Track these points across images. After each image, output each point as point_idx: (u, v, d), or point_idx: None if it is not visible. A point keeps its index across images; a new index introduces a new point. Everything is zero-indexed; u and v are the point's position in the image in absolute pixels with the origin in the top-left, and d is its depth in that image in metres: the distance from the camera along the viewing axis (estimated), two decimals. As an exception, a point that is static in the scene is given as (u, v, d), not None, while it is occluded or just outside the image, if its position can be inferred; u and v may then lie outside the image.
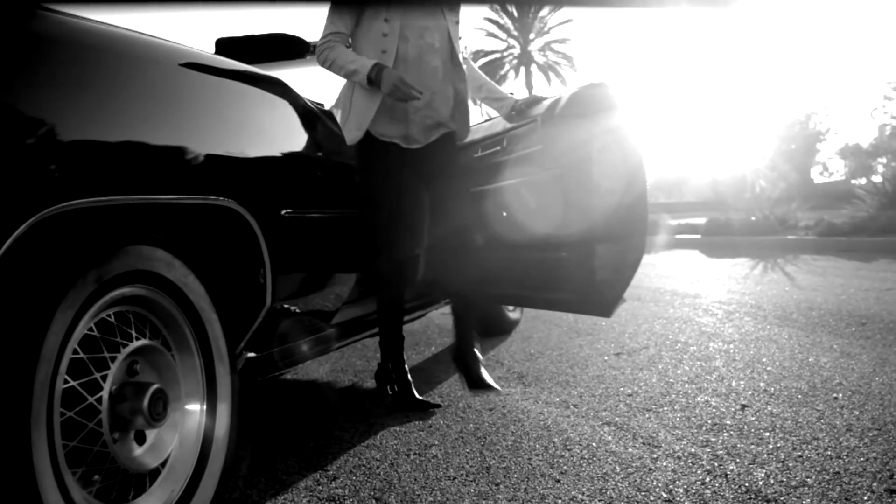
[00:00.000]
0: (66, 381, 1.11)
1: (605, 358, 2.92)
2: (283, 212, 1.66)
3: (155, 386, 1.26)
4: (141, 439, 1.29)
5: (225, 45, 2.61)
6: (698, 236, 9.78)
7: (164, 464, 1.32)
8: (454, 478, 1.70)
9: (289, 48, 2.56)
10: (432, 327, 3.92)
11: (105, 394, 1.17)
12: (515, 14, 33.31)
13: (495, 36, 34.14)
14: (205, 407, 1.42)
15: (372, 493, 1.64)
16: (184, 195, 1.32)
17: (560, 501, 1.54)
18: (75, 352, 1.13)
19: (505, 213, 2.33)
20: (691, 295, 4.68)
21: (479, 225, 2.34)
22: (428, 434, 2.05)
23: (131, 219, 1.28)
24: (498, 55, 33.90)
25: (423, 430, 2.09)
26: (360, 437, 2.05)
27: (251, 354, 1.65)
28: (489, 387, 2.25)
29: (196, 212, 1.42)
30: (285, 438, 2.08)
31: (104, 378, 1.18)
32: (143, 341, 1.28)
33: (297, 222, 1.71)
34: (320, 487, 1.69)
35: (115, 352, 1.21)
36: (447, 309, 4.36)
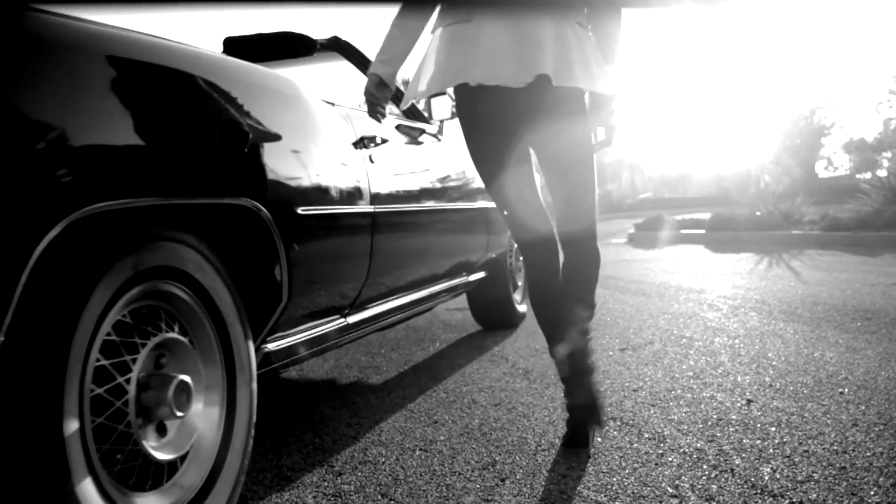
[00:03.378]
0: (98, 360, 1.15)
1: (610, 353, 2.91)
2: (299, 210, 1.69)
3: (181, 377, 1.28)
4: (162, 431, 1.30)
5: (233, 45, 2.68)
6: (703, 231, 9.76)
7: (182, 459, 1.33)
8: (460, 473, 1.71)
9: (296, 46, 2.60)
10: (437, 323, 3.92)
11: (133, 376, 1.21)
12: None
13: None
14: (225, 403, 1.45)
15: (378, 488, 1.64)
16: (208, 197, 1.39)
17: (565, 497, 1.54)
18: (108, 334, 1.18)
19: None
20: (696, 290, 4.67)
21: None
22: (433, 430, 2.05)
23: (165, 217, 1.33)
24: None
25: (428, 425, 2.10)
26: (366, 433, 2.05)
27: (269, 348, 1.68)
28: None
29: (219, 212, 1.47)
30: (290, 434, 2.08)
31: (133, 361, 1.21)
32: (171, 334, 1.32)
33: (312, 219, 1.75)
34: (326, 483, 1.69)
35: (145, 340, 1.25)
36: (451, 304, 4.37)
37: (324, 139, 1.90)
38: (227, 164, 1.45)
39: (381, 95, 1.94)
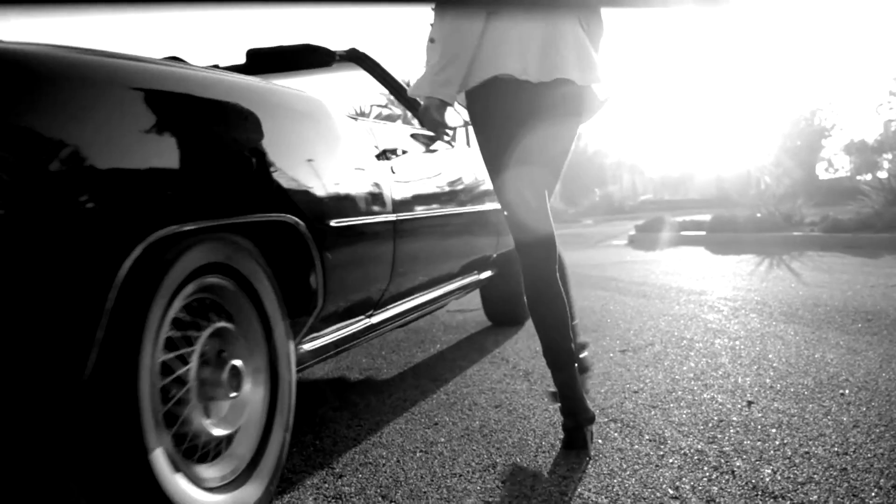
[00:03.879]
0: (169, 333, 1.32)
1: (611, 355, 2.91)
2: (332, 222, 1.83)
3: (234, 361, 1.45)
4: (219, 410, 1.44)
5: (256, 56, 2.85)
6: (703, 233, 9.75)
7: (230, 439, 1.46)
8: (460, 475, 1.71)
9: (316, 58, 2.76)
10: (437, 325, 3.92)
11: (196, 356, 1.36)
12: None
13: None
14: (269, 386, 1.60)
15: (378, 490, 1.64)
16: (258, 214, 1.54)
17: (566, 498, 1.54)
18: (173, 321, 1.34)
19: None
20: (697, 292, 4.67)
21: None
22: (434, 431, 2.05)
23: (225, 228, 1.50)
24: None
25: (428, 427, 2.10)
26: (366, 435, 2.05)
27: (304, 348, 1.82)
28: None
29: (266, 226, 1.62)
30: (291, 436, 2.08)
31: (196, 339, 1.38)
32: (223, 323, 1.46)
33: (342, 230, 1.89)
34: (326, 485, 1.69)
35: (203, 329, 1.41)
36: (452, 306, 4.37)
37: (351, 155, 2.03)
38: (272, 185, 1.60)
39: (443, 119, 1.95)
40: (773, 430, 1.88)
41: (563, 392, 1.85)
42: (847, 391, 2.20)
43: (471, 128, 2.10)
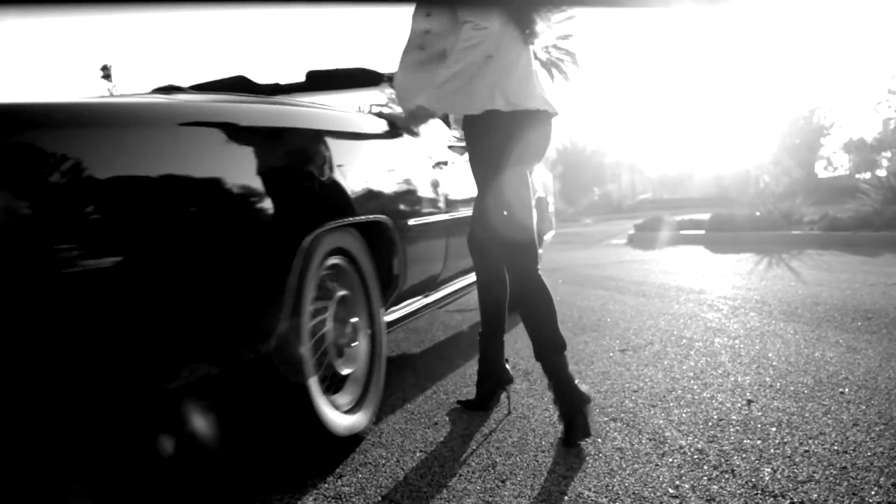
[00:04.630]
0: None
1: (611, 354, 2.91)
2: (409, 222, 2.37)
3: (352, 320, 2.03)
4: (343, 355, 1.98)
5: (315, 77, 3.37)
6: (702, 232, 9.76)
7: (348, 377, 2.01)
8: (460, 475, 1.70)
9: (367, 79, 3.26)
10: (437, 324, 3.92)
11: (331, 316, 1.91)
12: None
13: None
14: (370, 340, 2.13)
15: (378, 490, 1.64)
16: (365, 215, 2.03)
17: (566, 498, 1.54)
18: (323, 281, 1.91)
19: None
20: (696, 290, 4.67)
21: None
22: (434, 431, 2.05)
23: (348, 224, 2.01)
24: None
25: (428, 427, 2.10)
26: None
27: (387, 318, 2.30)
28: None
29: (366, 224, 2.11)
30: (290, 436, 2.08)
31: (328, 305, 1.91)
32: (344, 291, 2.00)
33: (416, 228, 2.42)
34: (326, 485, 1.69)
35: (333, 295, 1.94)
36: (451, 306, 4.37)
37: (417, 167, 2.57)
38: (371, 195, 2.10)
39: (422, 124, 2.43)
40: (773, 429, 1.88)
41: (557, 379, 1.94)
42: (847, 389, 2.20)
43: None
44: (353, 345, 2.02)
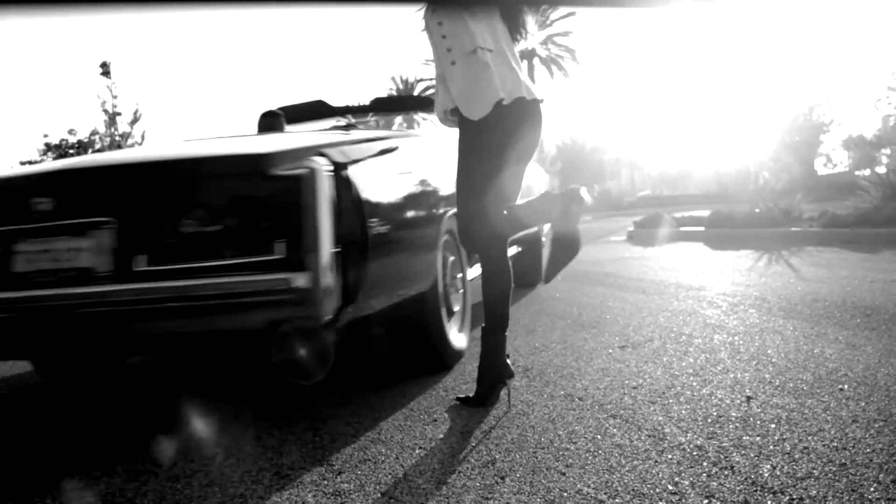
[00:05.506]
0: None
1: (610, 351, 2.91)
2: None
3: (458, 275, 2.98)
4: (454, 298, 2.93)
5: (381, 103, 4.24)
6: (702, 229, 9.76)
7: (454, 313, 2.94)
8: (459, 471, 1.70)
9: (424, 104, 4.07)
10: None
11: (449, 270, 2.87)
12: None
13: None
14: (462, 290, 3.04)
15: (377, 487, 1.64)
16: (454, 206, 2.55)
17: (565, 494, 1.54)
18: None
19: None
20: (696, 287, 4.67)
21: None
22: (433, 428, 2.05)
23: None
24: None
25: (427, 423, 2.10)
26: (365, 432, 2.05)
27: (469, 276, 3.15)
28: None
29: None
30: (289, 433, 2.08)
31: (446, 265, 2.86)
32: (453, 257, 2.92)
33: None
34: (325, 482, 1.69)
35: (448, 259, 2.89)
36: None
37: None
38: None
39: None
40: (773, 426, 1.88)
41: (494, 352, 2.26)
42: (846, 386, 2.20)
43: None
44: (460, 291, 2.98)
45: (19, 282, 2.01)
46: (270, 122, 3.67)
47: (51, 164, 2.70)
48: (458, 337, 2.87)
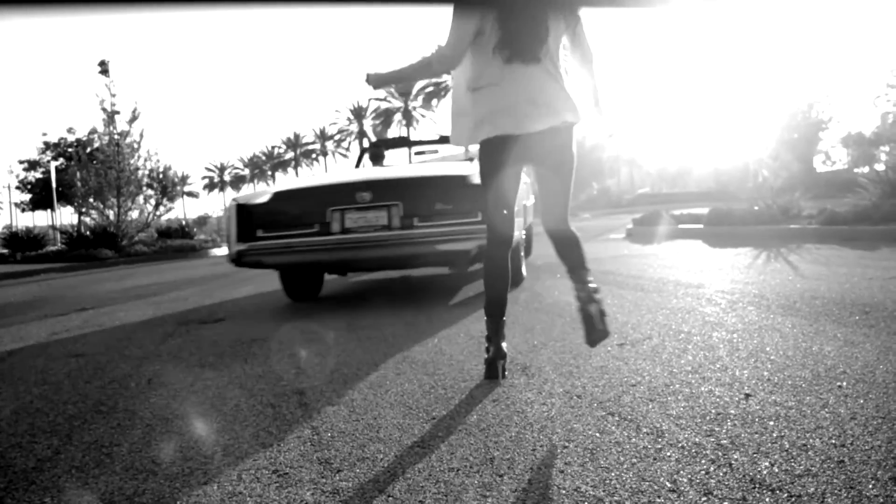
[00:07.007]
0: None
1: (608, 348, 2.91)
2: (525, 203, 5.30)
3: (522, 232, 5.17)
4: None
5: (444, 138, 6.88)
6: (701, 226, 9.76)
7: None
8: (458, 469, 1.70)
9: None
10: (434, 319, 3.92)
11: (521, 223, 4.79)
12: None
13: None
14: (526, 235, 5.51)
15: (376, 485, 1.64)
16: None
17: (564, 492, 1.54)
18: None
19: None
20: (694, 285, 4.67)
21: None
22: (432, 426, 2.05)
23: None
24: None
25: (426, 422, 2.10)
26: (364, 430, 2.05)
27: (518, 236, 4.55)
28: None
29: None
30: (288, 432, 2.08)
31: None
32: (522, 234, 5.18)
33: (526, 207, 5.88)
34: (324, 480, 1.69)
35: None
36: (452, 300, 4.36)
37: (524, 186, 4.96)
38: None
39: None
40: (771, 423, 1.88)
41: (496, 333, 2.58)
42: (844, 383, 2.20)
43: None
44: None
45: (348, 230, 4.45)
46: (376, 151, 6.54)
47: (366, 172, 5.22)
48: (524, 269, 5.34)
